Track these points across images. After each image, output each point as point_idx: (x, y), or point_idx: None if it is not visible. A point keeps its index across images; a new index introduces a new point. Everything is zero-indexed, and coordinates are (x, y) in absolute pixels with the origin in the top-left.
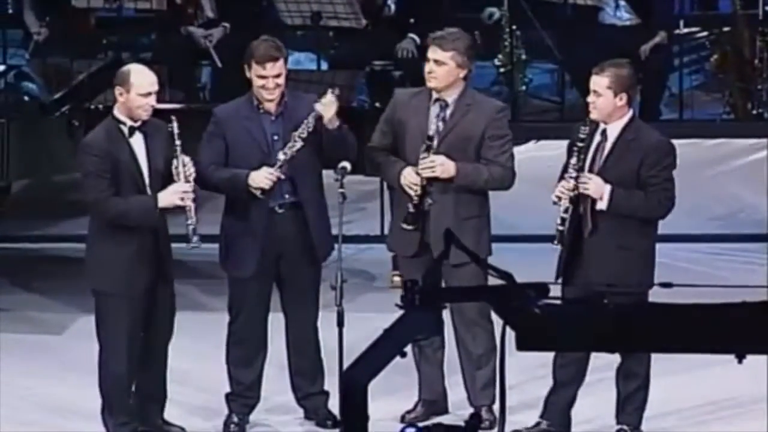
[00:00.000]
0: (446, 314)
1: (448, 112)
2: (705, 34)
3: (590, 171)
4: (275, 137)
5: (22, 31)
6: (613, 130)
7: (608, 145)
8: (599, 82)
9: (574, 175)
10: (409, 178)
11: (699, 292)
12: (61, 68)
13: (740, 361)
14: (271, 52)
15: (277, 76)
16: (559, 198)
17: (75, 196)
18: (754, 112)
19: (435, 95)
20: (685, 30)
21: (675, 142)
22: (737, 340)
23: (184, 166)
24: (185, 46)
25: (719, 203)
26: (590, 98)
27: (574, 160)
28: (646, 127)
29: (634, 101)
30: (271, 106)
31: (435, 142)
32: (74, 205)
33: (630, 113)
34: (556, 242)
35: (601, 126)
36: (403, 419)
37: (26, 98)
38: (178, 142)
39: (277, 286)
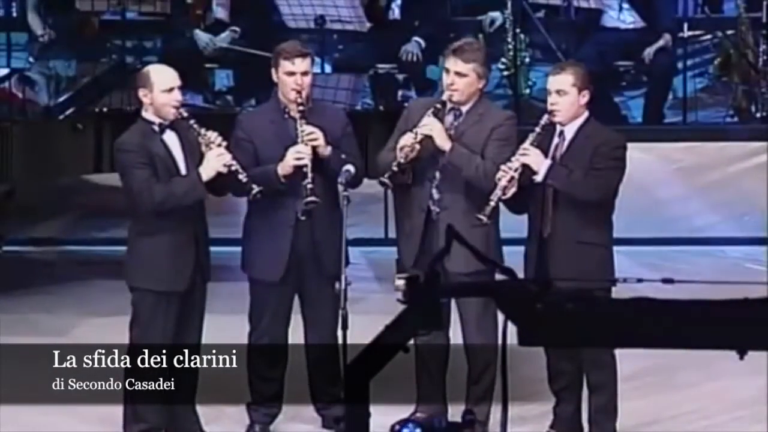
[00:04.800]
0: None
1: (461, 120)
2: (709, 37)
3: None
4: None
5: (27, 34)
6: (570, 129)
7: (565, 145)
8: (564, 80)
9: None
10: (405, 137)
11: (701, 290)
12: (65, 71)
13: (741, 357)
14: (299, 48)
15: (305, 73)
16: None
17: (80, 200)
18: (759, 114)
19: (450, 105)
20: (689, 33)
21: (679, 145)
22: (739, 336)
23: (210, 139)
24: (191, 49)
25: (724, 206)
26: (552, 99)
27: (526, 144)
28: (601, 127)
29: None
30: (296, 111)
31: (446, 108)
32: (78, 208)
33: (586, 113)
34: (486, 216)
35: (558, 128)
36: (392, 429)
37: (30, 101)
38: (192, 121)
39: (298, 295)
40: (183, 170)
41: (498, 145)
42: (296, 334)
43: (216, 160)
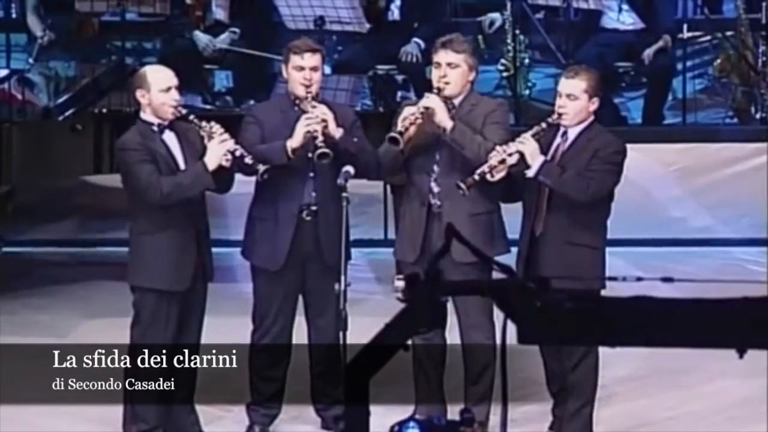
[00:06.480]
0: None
1: (454, 112)
2: (708, 38)
3: None
4: None
5: (26, 36)
6: (574, 131)
7: (567, 145)
8: (576, 85)
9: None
10: (407, 109)
11: (700, 289)
12: (65, 72)
13: (741, 356)
14: (309, 44)
15: (314, 69)
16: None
17: (80, 201)
18: (758, 116)
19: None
20: (689, 34)
21: (678, 146)
22: (738, 334)
23: (212, 129)
24: (191, 50)
25: (723, 207)
26: (561, 102)
27: (527, 135)
28: (604, 131)
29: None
30: (306, 105)
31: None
32: (78, 209)
33: (592, 118)
34: (465, 185)
35: (562, 128)
36: (392, 430)
37: (30, 102)
38: (192, 116)
39: (301, 295)
40: (183, 169)
41: (495, 128)
42: (297, 334)
43: (220, 146)
